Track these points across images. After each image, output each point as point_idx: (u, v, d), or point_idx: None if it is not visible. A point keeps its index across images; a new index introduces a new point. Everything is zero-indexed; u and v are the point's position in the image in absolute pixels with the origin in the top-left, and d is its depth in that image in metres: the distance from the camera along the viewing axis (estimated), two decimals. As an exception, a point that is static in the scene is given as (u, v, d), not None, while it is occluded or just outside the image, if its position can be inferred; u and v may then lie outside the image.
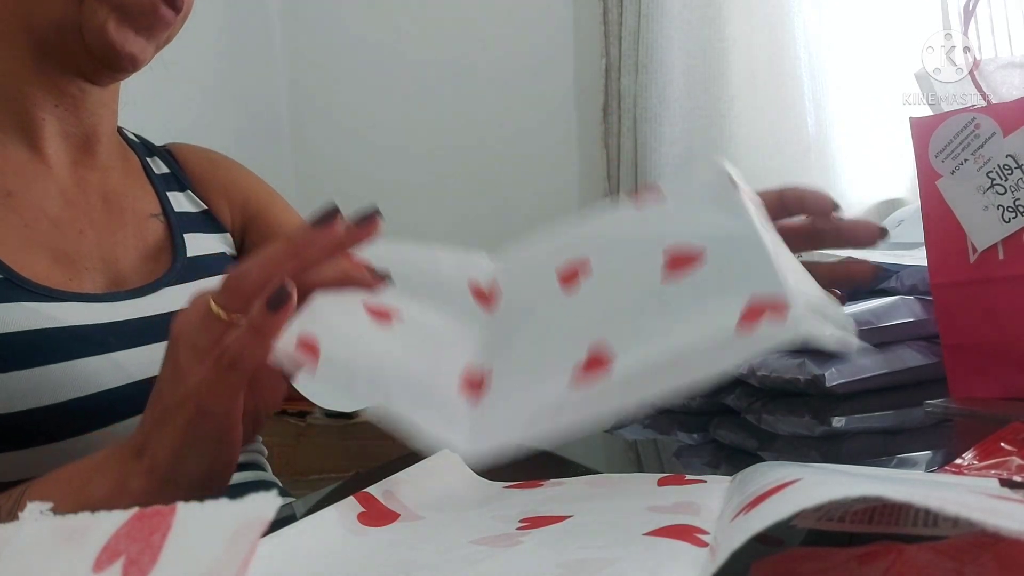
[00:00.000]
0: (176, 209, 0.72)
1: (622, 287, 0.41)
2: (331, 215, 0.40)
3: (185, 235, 0.71)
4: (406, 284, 0.44)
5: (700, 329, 0.33)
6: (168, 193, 0.73)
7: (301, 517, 0.31)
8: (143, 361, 0.59)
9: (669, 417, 0.63)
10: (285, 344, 0.36)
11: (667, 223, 0.43)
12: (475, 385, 0.38)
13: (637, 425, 0.63)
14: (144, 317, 0.62)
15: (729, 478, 0.32)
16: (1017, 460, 0.33)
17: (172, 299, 0.65)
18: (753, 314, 0.31)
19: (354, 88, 2.17)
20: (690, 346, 0.33)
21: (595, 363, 0.35)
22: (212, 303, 0.39)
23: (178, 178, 0.76)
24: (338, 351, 0.36)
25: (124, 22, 0.60)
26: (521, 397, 0.37)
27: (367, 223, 0.41)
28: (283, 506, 0.41)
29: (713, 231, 0.39)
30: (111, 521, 0.22)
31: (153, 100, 0.87)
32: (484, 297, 0.46)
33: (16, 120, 0.63)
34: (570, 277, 0.43)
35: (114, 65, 0.62)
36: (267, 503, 0.20)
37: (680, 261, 0.39)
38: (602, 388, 0.33)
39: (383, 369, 0.37)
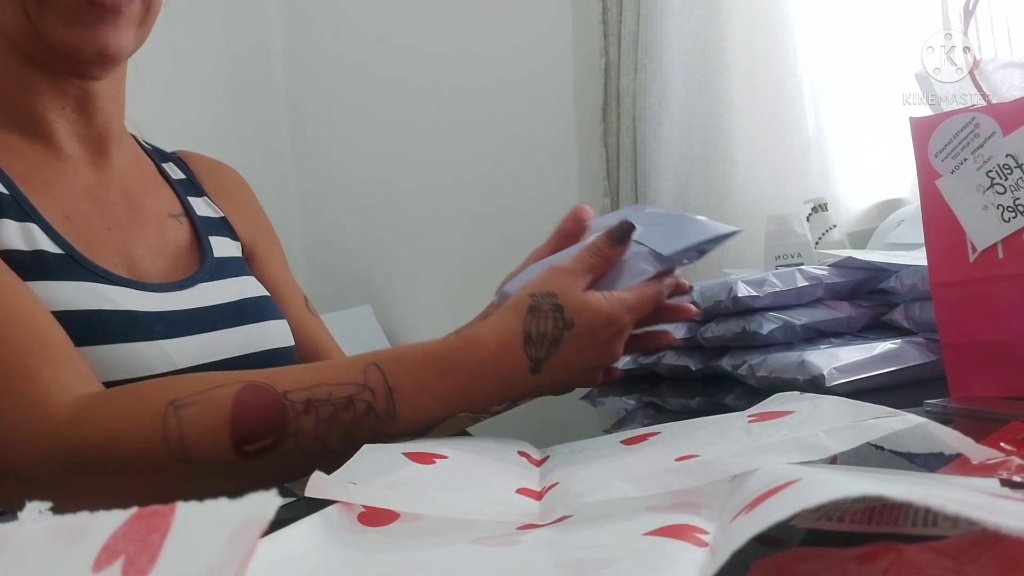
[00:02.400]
0: (198, 213, 0.74)
1: (701, 428, 0.42)
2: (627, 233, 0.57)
3: (210, 237, 0.73)
4: (452, 446, 0.45)
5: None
6: (188, 197, 0.75)
7: (301, 517, 0.31)
8: (186, 350, 0.61)
9: (669, 417, 0.63)
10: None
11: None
12: (535, 495, 0.38)
13: (636, 424, 0.63)
14: (186, 309, 0.64)
15: (729, 477, 0.32)
16: (1017, 460, 0.33)
17: (207, 294, 0.67)
18: None
19: (352, 87, 2.17)
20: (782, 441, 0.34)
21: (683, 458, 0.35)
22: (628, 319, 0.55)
23: (195, 184, 0.78)
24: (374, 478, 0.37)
25: (73, 23, 0.59)
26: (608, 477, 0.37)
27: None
28: (284, 506, 0.41)
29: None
30: (110, 521, 0.22)
31: (155, 113, 0.87)
32: (534, 461, 0.47)
33: (32, 125, 0.64)
34: (636, 440, 0.44)
35: (90, 61, 0.62)
36: (267, 503, 0.20)
37: (765, 416, 0.40)
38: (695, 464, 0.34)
39: (424, 481, 0.38)
